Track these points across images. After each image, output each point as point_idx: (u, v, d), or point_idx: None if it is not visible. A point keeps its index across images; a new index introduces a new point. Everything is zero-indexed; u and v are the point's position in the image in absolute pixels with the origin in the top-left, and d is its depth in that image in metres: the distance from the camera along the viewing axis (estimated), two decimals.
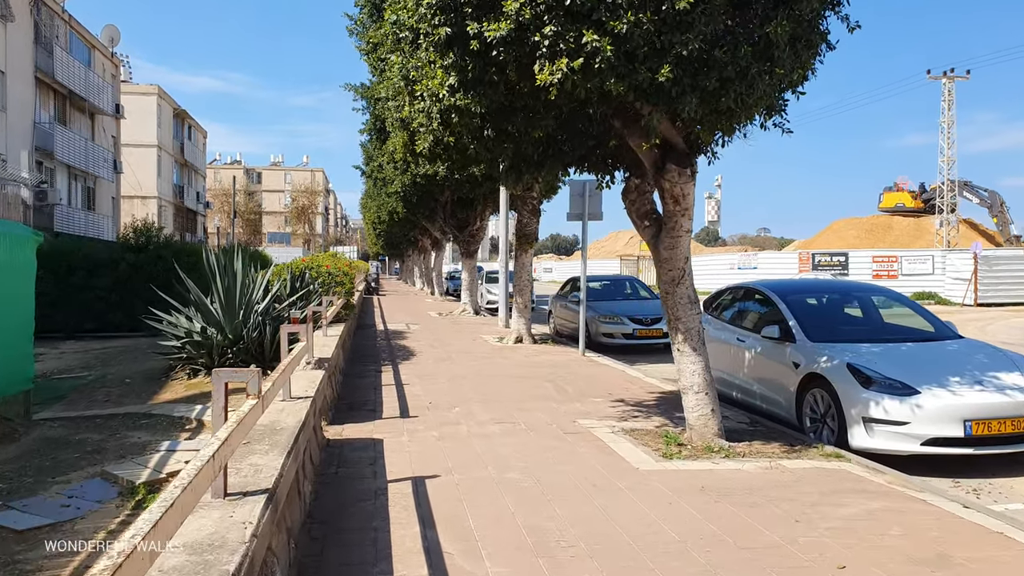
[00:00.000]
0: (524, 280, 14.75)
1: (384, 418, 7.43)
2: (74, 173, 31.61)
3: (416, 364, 11.50)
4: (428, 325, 19.00)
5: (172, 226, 48.03)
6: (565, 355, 12.87)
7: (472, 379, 10.02)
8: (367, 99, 20.50)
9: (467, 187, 20.59)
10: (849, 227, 60.20)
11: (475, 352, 13.15)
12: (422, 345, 14.13)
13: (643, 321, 14.51)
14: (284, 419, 4.29)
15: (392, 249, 57.08)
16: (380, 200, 29.95)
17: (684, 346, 6.58)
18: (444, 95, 6.15)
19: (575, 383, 9.73)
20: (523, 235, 14.46)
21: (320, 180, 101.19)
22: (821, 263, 37.47)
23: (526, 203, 14.19)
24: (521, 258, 14.69)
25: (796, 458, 6.05)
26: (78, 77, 30.69)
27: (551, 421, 7.34)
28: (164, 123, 46.16)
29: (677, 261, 6.59)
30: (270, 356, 9.50)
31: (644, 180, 6.97)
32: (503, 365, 11.46)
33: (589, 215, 12.76)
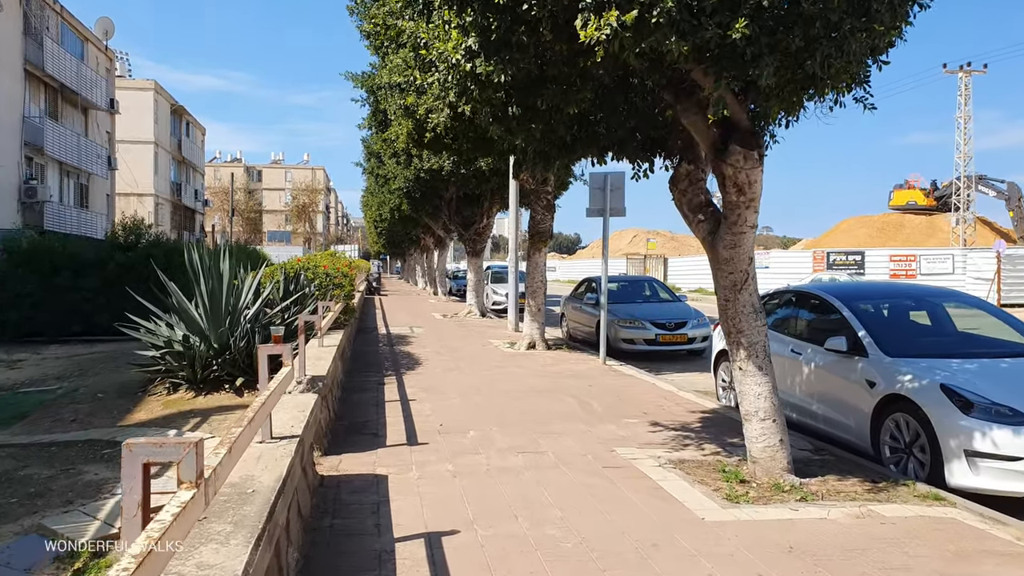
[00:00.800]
0: (537, 281, 13.69)
1: (388, 445, 6.37)
2: (66, 169, 30.56)
3: (422, 375, 10.44)
4: (433, 328, 17.94)
5: (169, 224, 47.01)
6: (584, 363, 11.80)
7: (486, 393, 8.96)
8: (368, 89, 19.44)
9: (474, 182, 19.56)
10: (859, 225, 59.05)
11: (486, 360, 12.09)
12: (428, 352, 13.07)
13: (666, 326, 13.44)
14: (259, 475, 3.23)
15: (394, 248, 56.02)
16: (382, 197, 28.89)
17: (747, 364, 5.51)
18: (460, 61, 5.08)
19: (602, 398, 8.66)
20: (536, 232, 13.40)
21: (321, 178, 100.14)
22: (836, 262, 36.37)
23: (540, 198, 13.12)
24: (534, 257, 13.62)
25: (887, 501, 4.99)
26: (70, 70, 29.64)
27: (584, 450, 6.27)
28: (161, 119, 45.12)
29: (739, 262, 5.53)
30: None
31: (697, 166, 5.90)
32: (518, 376, 10.40)
33: (611, 211, 11.70)
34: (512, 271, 17.58)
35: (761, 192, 5.42)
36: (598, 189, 11.71)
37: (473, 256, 21.88)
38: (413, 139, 12.54)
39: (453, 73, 5.27)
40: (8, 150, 25.47)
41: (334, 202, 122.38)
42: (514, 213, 17.39)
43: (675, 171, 5.99)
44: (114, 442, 6.16)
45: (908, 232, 54.89)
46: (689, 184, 5.87)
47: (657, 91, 5.59)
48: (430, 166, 18.91)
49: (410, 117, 11.79)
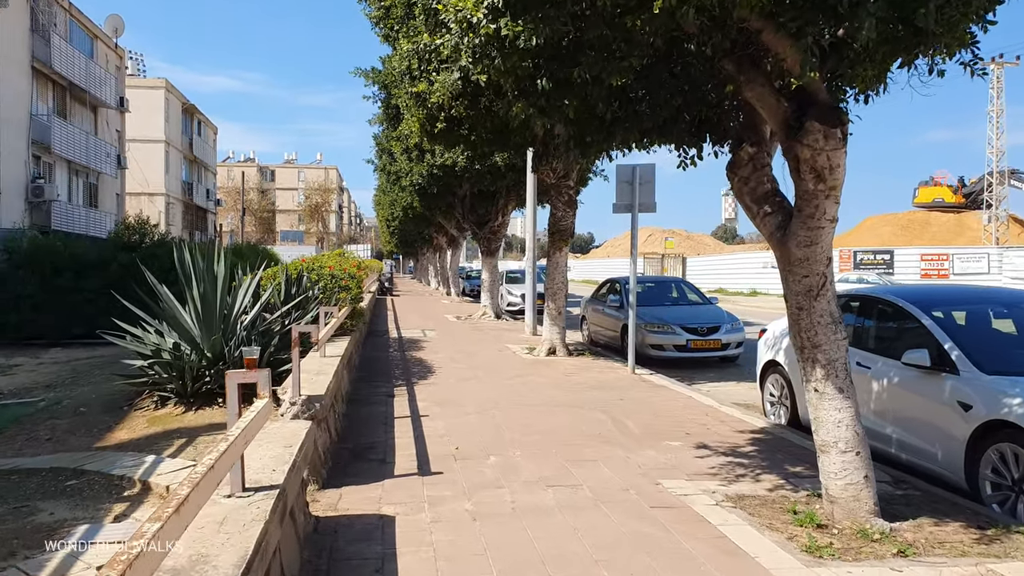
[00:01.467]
0: (558, 282, 12.79)
1: (397, 475, 5.51)
2: (75, 168, 30.03)
3: (435, 385, 9.58)
4: (446, 331, 17.09)
5: (181, 224, 46.55)
6: (611, 372, 10.89)
7: (506, 407, 8.08)
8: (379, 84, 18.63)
9: (488, 179, 18.71)
10: (883, 224, 57.65)
11: (504, 367, 11.22)
12: (441, 358, 12.21)
13: (698, 331, 12.49)
14: (217, 553, 2.37)
15: (406, 247, 55.32)
16: (394, 195, 28.09)
17: (825, 385, 4.60)
18: (482, 20, 4.21)
19: (637, 415, 7.76)
20: (557, 230, 12.50)
21: (334, 178, 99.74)
22: (863, 262, 35.20)
23: (561, 193, 12.22)
24: (555, 257, 12.72)
25: (1005, 556, 4.06)
26: (78, 68, 29.09)
27: (625, 482, 5.38)
28: (172, 118, 44.64)
29: (816, 263, 4.62)
30: None
31: (761, 149, 4.99)
32: (540, 386, 9.51)
33: (640, 206, 10.78)
34: (529, 271, 16.70)
35: (844, 178, 4.50)
36: (625, 183, 10.80)
37: (487, 256, 21.01)
38: (425, 131, 11.67)
39: (471, 36, 4.39)
40: (15, 148, 24.93)
41: (347, 202, 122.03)
42: (531, 210, 16.50)
43: (735, 155, 5.07)
44: (81, 471, 5.34)
45: (935, 230, 53.45)
46: (752, 170, 4.95)
47: (716, 60, 4.69)
48: (443, 161, 18.09)
49: (421, 106, 10.93)
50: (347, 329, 9.55)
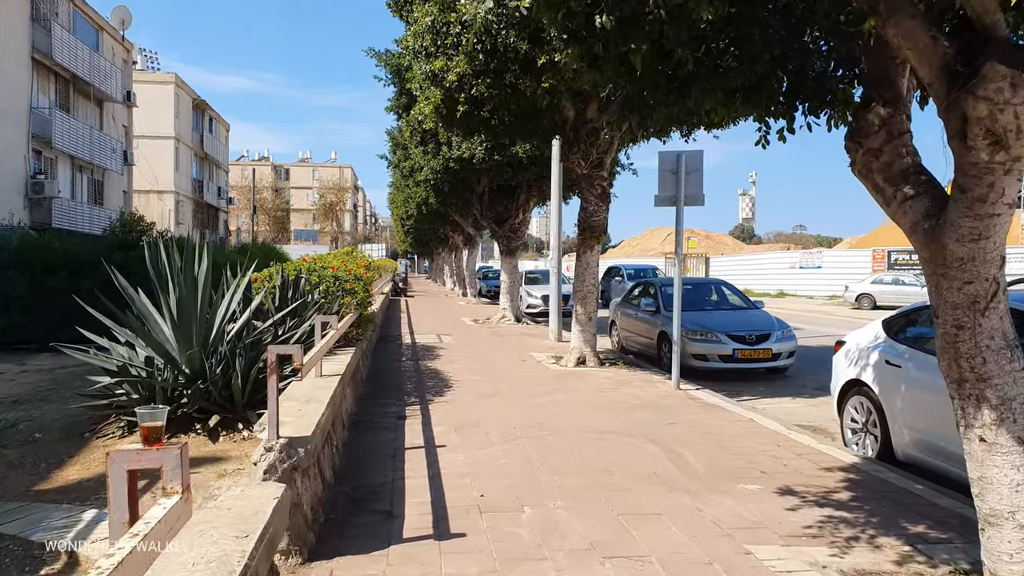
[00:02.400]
0: (589, 285, 11.52)
1: (406, 538, 4.26)
2: (78, 164, 29.13)
3: (453, 403, 8.34)
4: (464, 337, 15.86)
5: (191, 223, 45.71)
6: (651, 387, 9.61)
7: (537, 435, 6.83)
8: (392, 69, 17.45)
9: (509, 172, 17.47)
10: None
11: (529, 381, 9.97)
12: (459, 368, 10.98)
13: (746, 339, 11.18)
14: None
15: (421, 247, 54.24)
16: (408, 192, 26.95)
17: (998, 433, 3.31)
18: None
19: (695, 445, 6.48)
20: (588, 227, 11.23)
21: (348, 177, 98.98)
22: (899, 261, 33.61)
23: (593, 185, 10.94)
24: (585, 256, 11.46)
25: None
26: (82, 60, 28.17)
27: (704, 549, 4.10)
28: (182, 114, 43.78)
29: (985, 264, 3.32)
30: (244, 401, 6.46)
31: (898, 111, 3.69)
32: (574, 406, 8.25)
33: (686, 199, 9.49)
34: (554, 271, 15.43)
35: None
36: (669, 172, 9.51)
37: (507, 255, 19.77)
38: (441, 115, 10.45)
39: None
40: (14, 142, 24.01)
41: (362, 201, 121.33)
42: (557, 204, 15.24)
43: (860, 121, 3.77)
44: None
45: None
46: (886, 139, 3.66)
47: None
48: (460, 154, 16.88)
49: (438, 86, 9.71)
50: (353, 339, 8.34)
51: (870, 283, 30.39)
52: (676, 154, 9.53)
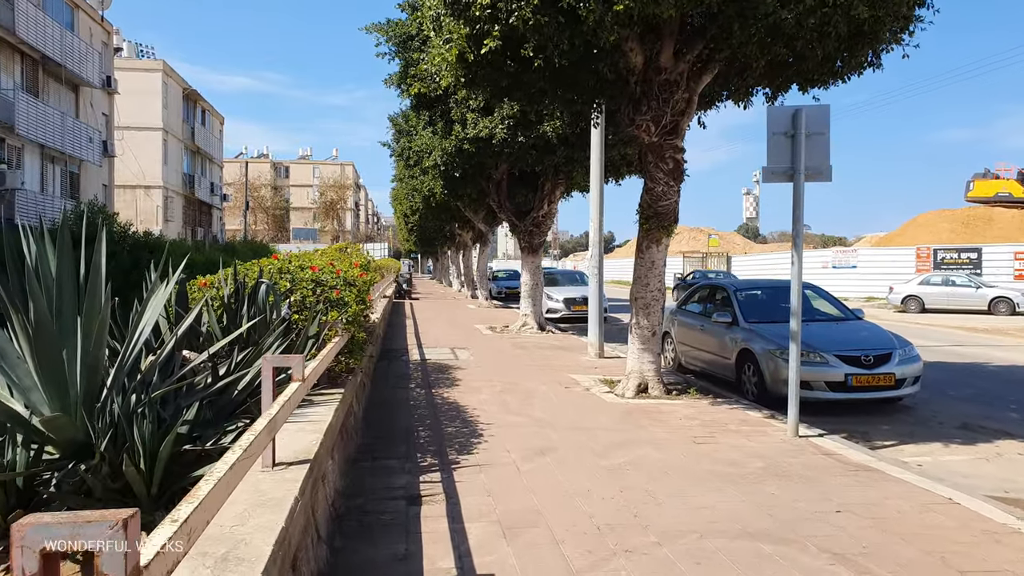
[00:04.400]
0: (653, 289, 8.84)
1: None
2: (49, 154, 26.48)
3: (490, 469, 5.65)
4: (483, 350, 13.18)
5: (182, 220, 43.09)
6: (759, 433, 6.90)
7: (642, 551, 4.14)
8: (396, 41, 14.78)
9: (533, 155, 14.75)
10: (941, 220, 52.90)
11: (587, 423, 7.28)
12: (486, 401, 8.31)
13: (861, 361, 8.49)
14: None
15: (425, 246, 51.56)
16: (413, 184, 24.23)
17: None
18: None
19: (882, 553, 3.81)
20: (655, 213, 8.53)
21: (350, 174, 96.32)
22: (945, 261, 30.91)
23: (663, 158, 8.24)
24: (649, 252, 8.78)
25: None
26: (53, 38, 25.53)
27: None
28: (172, 104, 41.13)
29: None
30: (152, 492, 3.79)
31: None
32: (672, 474, 5.56)
33: (807, 172, 6.81)
34: (594, 271, 12.72)
35: None
36: (782, 136, 6.83)
37: (529, 252, 17.08)
38: (464, 62, 7.78)
39: None
40: None
41: (364, 200, 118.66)
42: (598, 188, 12.54)
43: None
44: None
45: (1000, 227, 48.69)
46: None
47: None
48: (476, 133, 14.20)
49: (461, 17, 7.02)
50: (341, 373, 5.67)
51: (917, 284, 27.67)
52: (792, 110, 6.85)
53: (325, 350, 4.83)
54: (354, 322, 5.70)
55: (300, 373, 3.25)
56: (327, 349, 4.84)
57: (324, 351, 4.80)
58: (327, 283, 5.89)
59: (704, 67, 8.01)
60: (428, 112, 15.62)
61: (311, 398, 4.89)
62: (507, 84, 8.71)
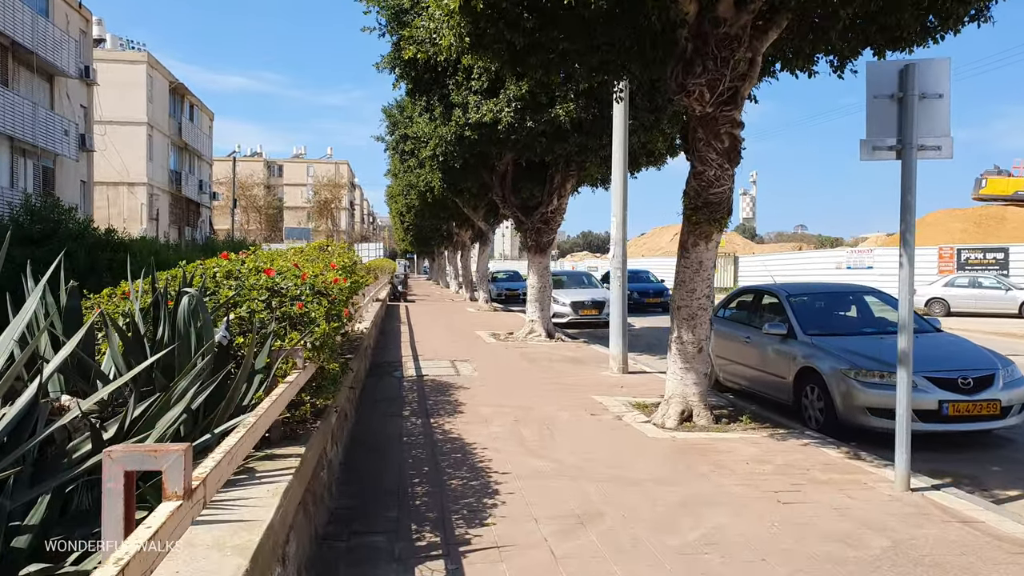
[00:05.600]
0: (700, 296, 7.25)
1: None
2: (19, 147, 24.78)
3: (515, 553, 4.06)
4: (488, 364, 11.58)
5: (168, 219, 41.36)
6: (855, 485, 5.29)
7: None
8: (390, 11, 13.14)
9: (543, 143, 13.15)
10: (952, 219, 51.41)
11: (630, 468, 5.67)
12: (499, 435, 6.70)
13: (958, 385, 6.91)
14: None
15: (422, 246, 49.94)
16: (408, 178, 22.62)
17: None
18: None
19: None
20: (704, 203, 6.93)
21: (345, 173, 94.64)
22: (970, 261, 29.42)
23: (718, 135, 6.63)
24: (696, 251, 7.18)
25: None
26: (22, 23, 23.83)
27: None
28: (157, 98, 39.41)
29: None
30: None
31: None
32: (762, 557, 3.97)
33: (920, 146, 5.22)
34: (616, 271, 11.10)
35: None
36: (885, 99, 5.24)
37: (537, 252, 15.47)
38: (471, 16, 6.18)
39: None
40: None
41: (359, 199, 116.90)
42: (621, 174, 10.94)
43: None
44: None
45: (1014, 226, 47.21)
46: None
47: None
48: (479, 118, 12.60)
49: None
50: (303, 420, 4.06)
51: (942, 286, 26.15)
52: (900, 66, 5.26)
53: (274, 394, 3.22)
54: (322, 347, 4.08)
55: (182, 481, 1.65)
56: (276, 393, 3.23)
57: (272, 395, 3.19)
58: (287, 292, 4.28)
59: (770, 21, 6.43)
60: (425, 96, 14.00)
61: (253, 467, 3.28)
62: (522, 46, 7.12)
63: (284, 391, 3.29)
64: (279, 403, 3.16)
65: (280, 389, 3.28)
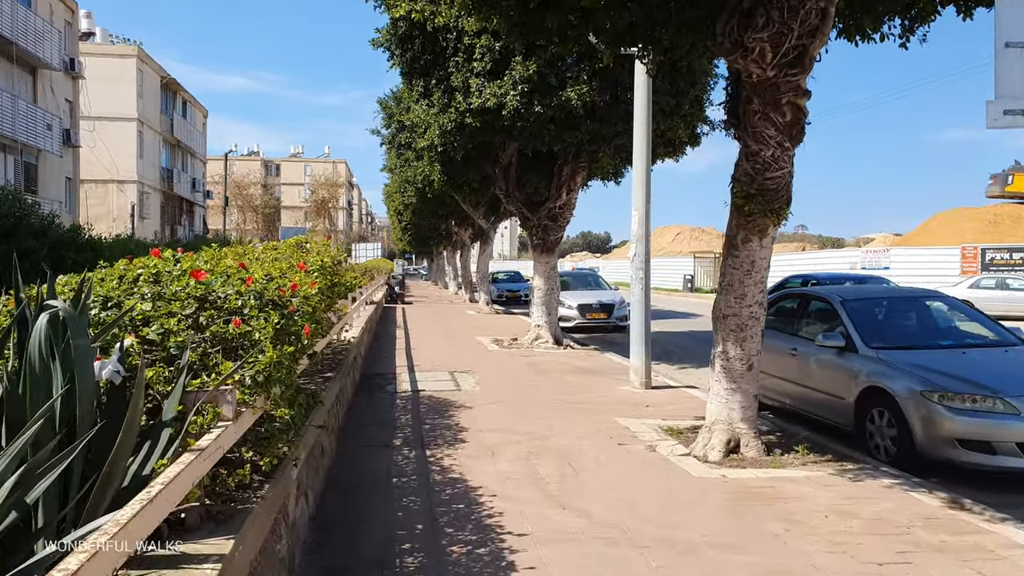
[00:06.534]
0: (751, 304, 6.03)
1: None
2: (0, 142, 23.56)
3: None
4: (492, 376, 10.35)
5: (159, 217, 40.13)
6: (989, 554, 4.06)
7: None
8: None
9: (551, 132, 11.92)
10: (964, 218, 50.09)
11: (688, 535, 4.44)
12: (509, 476, 5.48)
13: None
14: None
15: (420, 246, 48.72)
16: (405, 174, 21.40)
17: None
18: None
19: None
20: (759, 191, 5.71)
21: (342, 172, 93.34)
22: (995, 261, 28.21)
23: (777, 106, 5.41)
24: (745, 249, 5.97)
25: None
26: (1, 12, 22.62)
27: None
28: (148, 93, 38.15)
29: None
30: None
31: None
32: None
33: None
34: (639, 272, 9.85)
35: None
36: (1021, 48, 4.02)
37: (543, 251, 14.25)
38: None
39: None
40: None
41: (357, 199, 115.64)
42: (644, 160, 9.71)
43: None
44: None
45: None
46: None
47: None
48: (482, 103, 11.38)
49: None
50: (242, 490, 2.82)
51: (967, 287, 24.89)
52: None
53: (162, 478, 2.00)
54: (269, 382, 2.85)
55: None
56: (164, 478, 2.00)
57: (158, 481, 1.97)
58: (225, 304, 3.06)
59: None
60: (423, 80, 12.78)
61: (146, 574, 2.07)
62: (537, 2, 5.91)
63: (184, 470, 2.05)
64: (169, 494, 1.93)
65: (172, 471, 2.05)
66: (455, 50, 11.78)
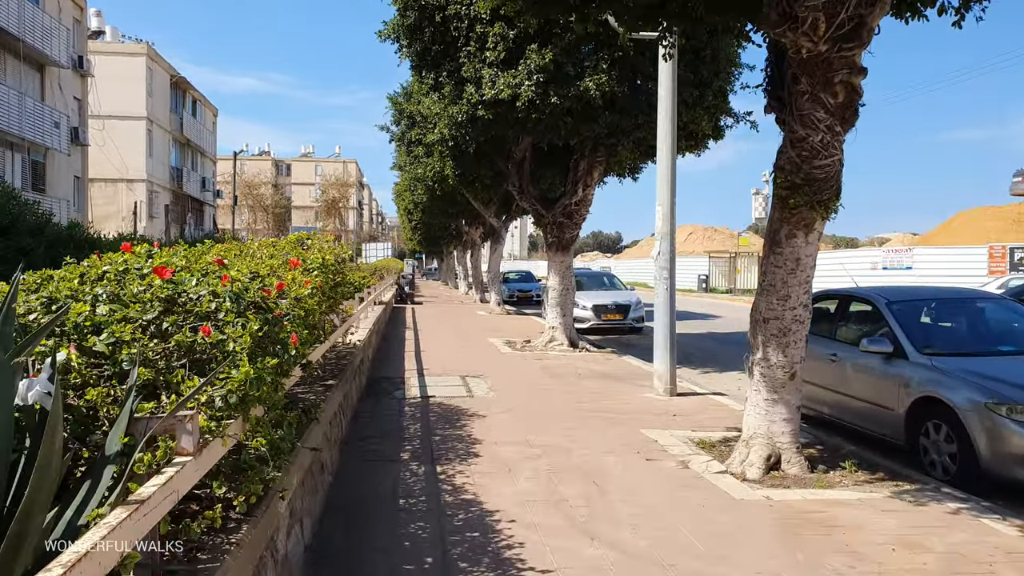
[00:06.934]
0: (796, 305, 5.47)
1: None
2: (6, 140, 23.24)
3: None
4: (506, 381, 9.81)
5: (167, 217, 39.85)
6: None
7: None
8: None
9: (567, 124, 11.36)
10: (987, 217, 49.05)
11: (725, 564, 3.91)
12: (528, 499, 4.95)
13: None
14: None
15: (430, 245, 48.27)
16: (415, 171, 20.92)
17: None
18: None
19: None
20: (806, 179, 5.14)
21: (353, 172, 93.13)
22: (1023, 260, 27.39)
23: (829, 84, 4.83)
24: (790, 245, 5.41)
25: None
26: (8, 8, 22.27)
27: None
28: (157, 91, 37.89)
29: None
30: None
31: None
32: None
33: None
34: (663, 271, 9.26)
35: None
36: None
37: (558, 250, 13.69)
38: None
39: None
40: None
41: (368, 199, 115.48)
42: (669, 151, 9.13)
43: None
44: None
45: None
46: None
47: None
48: (494, 94, 10.84)
49: None
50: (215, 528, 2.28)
51: (996, 288, 24.11)
52: None
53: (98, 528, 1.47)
54: (243, 403, 2.32)
55: None
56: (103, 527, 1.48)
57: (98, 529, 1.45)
58: (196, 306, 2.54)
59: None
60: (433, 72, 12.25)
61: None
62: None
63: (108, 535, 1.52)
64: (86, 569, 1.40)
65: (96, 534, 1.51)
66: (467, 39, 11.25)
